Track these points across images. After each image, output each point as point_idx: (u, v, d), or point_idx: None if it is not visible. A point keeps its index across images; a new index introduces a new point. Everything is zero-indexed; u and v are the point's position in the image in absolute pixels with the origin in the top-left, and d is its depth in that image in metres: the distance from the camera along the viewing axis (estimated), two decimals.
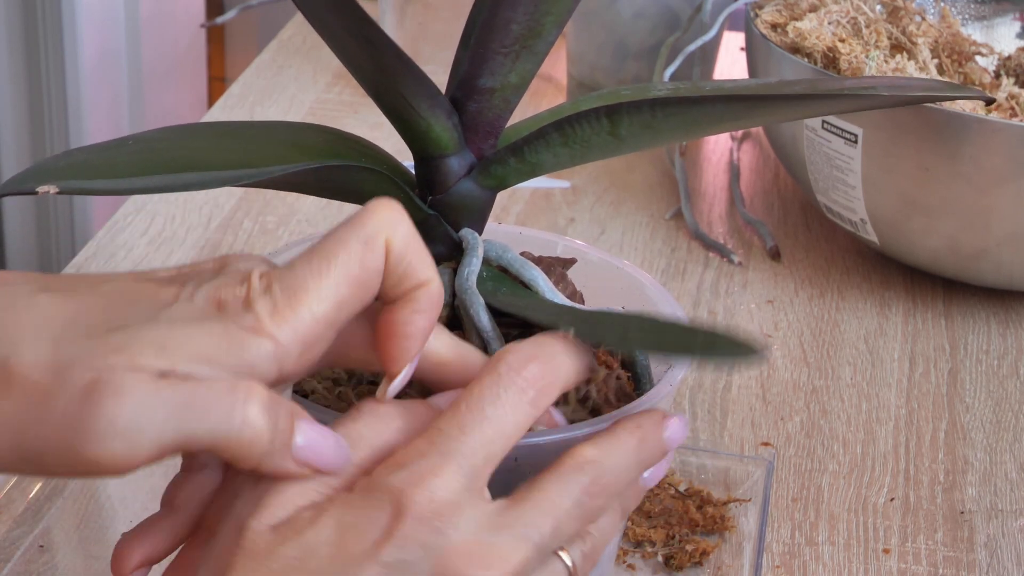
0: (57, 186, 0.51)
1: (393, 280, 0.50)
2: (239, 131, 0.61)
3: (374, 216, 0.49)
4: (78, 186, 0.52)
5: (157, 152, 0.56)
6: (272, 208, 1.03)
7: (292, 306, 0.47)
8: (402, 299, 0.50)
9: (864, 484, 0.79)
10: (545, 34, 0.58)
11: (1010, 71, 1.01)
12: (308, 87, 1.22)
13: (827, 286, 0.98)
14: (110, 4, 1.69)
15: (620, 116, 0.57)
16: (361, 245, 0.48)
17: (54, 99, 1.63)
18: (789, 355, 0.90)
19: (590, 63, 1.15)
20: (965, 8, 1.07)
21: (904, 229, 0.94)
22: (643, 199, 1.07)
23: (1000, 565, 0.74)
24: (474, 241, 0.60)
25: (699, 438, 0.82)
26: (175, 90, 1.87)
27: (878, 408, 0.86)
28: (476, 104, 0.59)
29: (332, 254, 0.48)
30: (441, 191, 0.60)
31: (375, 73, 0.57)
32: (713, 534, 0.74)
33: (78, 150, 0.55)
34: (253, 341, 0.47)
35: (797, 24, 0.97)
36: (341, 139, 0.61)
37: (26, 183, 0.51)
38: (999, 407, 0.87)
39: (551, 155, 0.59)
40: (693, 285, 0.97)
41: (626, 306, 0.66)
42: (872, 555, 0.75)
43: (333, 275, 0.48)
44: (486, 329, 0.58)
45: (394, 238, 0.49)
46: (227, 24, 2.05)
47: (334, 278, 0.48)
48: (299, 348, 0.48)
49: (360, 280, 0.48)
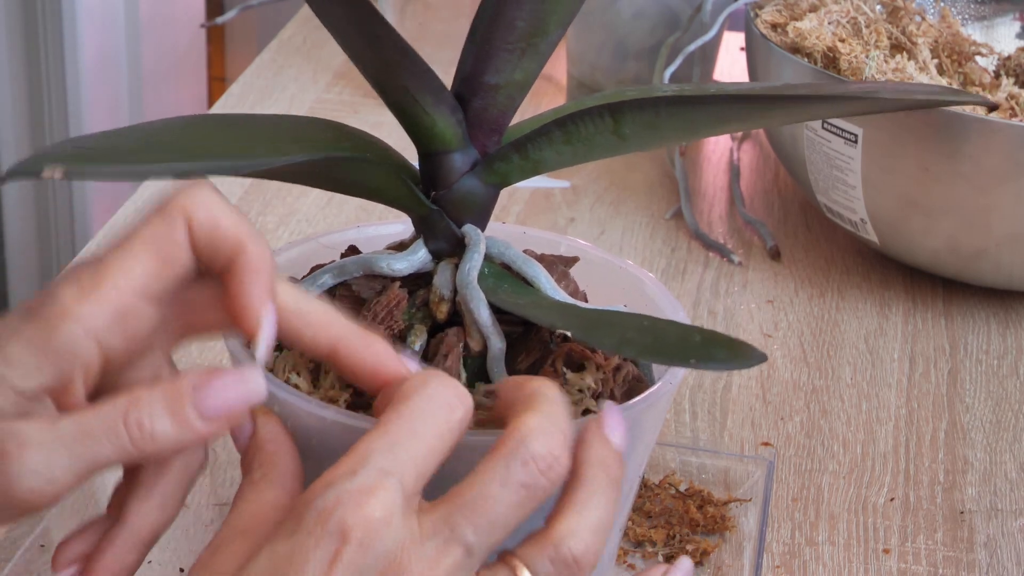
0: (62, 169, 0.51)
1: (208, 251, 0.52)
2: (243, 123, 0.61)
3: (175, 196, 0.52)
4: (83, 170, 0.53)
5: (162, 140, 0.57)
6: (272, 208, 1.03)
7: (96, 284, 0.50)
8: (228, 271, 0.52)
9: (864, 484, 0.80)
10: (549, 32, 0.58)
11: (1010, 71, 1.01)
12: (308, 87, 1.22)
13: (827, 286, 0.98)
14: (110, 4, 1.69)
15: (623, 115, 0.57)
16: (160, 221, 0.51)
17: (54, 99, 1.63)
18: (789, 355, 0.90)
19: (590, 63, 1.15)
20: (965, 8, 1.07)
21: (904, 229, 0.94)
22: (643, 199, 1.07)
23: (1000, 565, 0.75)
24: (476, 237, 0.60)
25: (699, 438, 0.82)
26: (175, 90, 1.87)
27: (878, 408, 0.86)
28: (481, 100, 0.59)
29: (134, 233, 0.51)
30: (444, 187, 0.60)
31: (380, 68, 0.57)
32: (713, 534, 0.74)
33: (83, 137, 0.55)
34: (60, 328, 0.50)
35: (797, 24, 0.97)
36: (345, 133, 0.61)
37: (31, 167, 0.51)
38: (999, 407, 0.87)
39: (554, 153, 0.59)
40: (693, 285, 0.97)
41: (628, 305, 0.66)
42: (872, 555, 0.75)
43: (134, 250, 0.51)
44: (486, 325, 0.58)
45: (196, 212, 0.51)
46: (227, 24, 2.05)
47: (135, 252, 0.51)
48: (111, 322, 0.50)
49: (163, 252, 0.51)
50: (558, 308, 0.59)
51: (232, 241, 0.52)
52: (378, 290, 0.61)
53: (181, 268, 0.51)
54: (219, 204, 0.52)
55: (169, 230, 0.51)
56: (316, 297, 0.55)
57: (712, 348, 0.53)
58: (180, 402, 0.50)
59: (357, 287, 0.61)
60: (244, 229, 0.52)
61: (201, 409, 0.50)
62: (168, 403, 0.50)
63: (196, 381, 0.50)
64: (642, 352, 0.56)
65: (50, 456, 0.48)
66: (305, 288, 0.60)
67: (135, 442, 0.49)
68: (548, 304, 0.60)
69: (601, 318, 0.58)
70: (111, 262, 0.51)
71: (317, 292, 0.61)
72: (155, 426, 0.49)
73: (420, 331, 0.60)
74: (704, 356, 0.52)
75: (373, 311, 0.59)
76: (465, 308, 0.59)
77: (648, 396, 0.59)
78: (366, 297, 0.61)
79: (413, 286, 0.61)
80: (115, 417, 0.49)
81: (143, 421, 0.49)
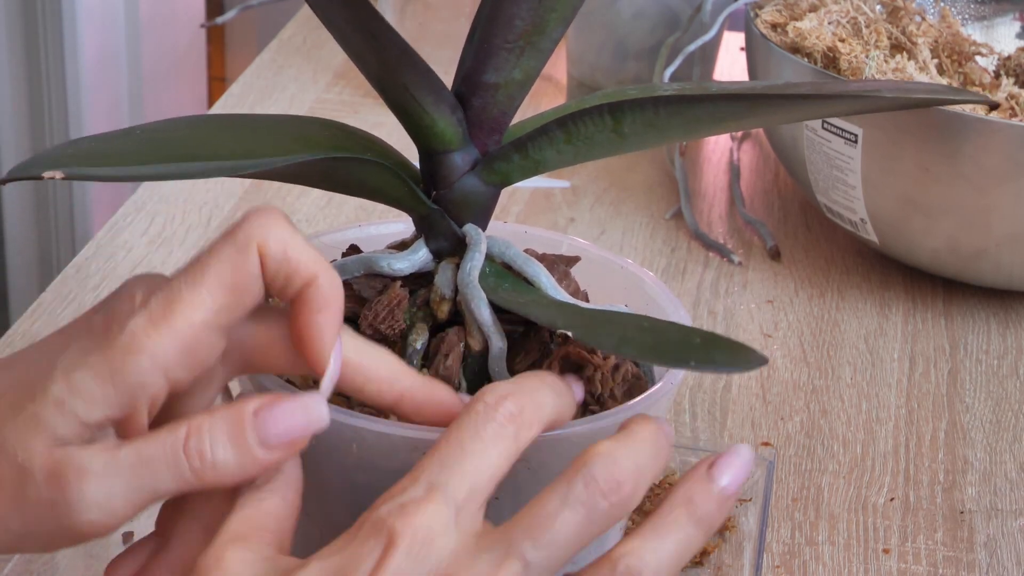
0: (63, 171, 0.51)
1: (279, 281, 0.51)
2: (244, 123, 0.61)
3: (246, 223, 0.51)
4: (83, 172, 0.53)
5: (162, 141, 0.57)
6: None
7: (167, 316, 0.49)
8: (298, 301, 0.51)
9: (864, 484, 0.80)
10: (549, 31, 0.58)
11: (1010, 71, 1.01)
12: (308, 87, 1.22)
13: (827, 286, 0.98)
14: (110, 4, 1.69)
15: (623, 114, 0.57)
16: (233, 251, 0.50)
17: (54, 99, 1.63)
18: (789, 355, 0.90)
19: (590, 63, 1.15)
20: (965, 8, 1.07)
21: (904, 229, 0.94)
22: (643, 199, 1.07)
23: (1000, 565, 0.75)
24: (477, 237, 0.60)
25: (699, 438, 0.82)
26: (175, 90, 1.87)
27: (878, 408, 0.86)
28: (481, 100, 0.59)
29: (205, 263, 0.50)
30: (445, 186, 0.60)
31: (380, 68, 0.57)
32: (713, 534, 0.74)
33: (84, 139, 0.55)
34: (129, 361, 0.49)
35: (797, 24, 0.97)
36: (346, 133, 0.61)
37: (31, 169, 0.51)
38: (999, 407, 0.87)
39: (554, 152, 0.59)
40: (693, 285, 0.97)
41: (628, 304, 0.66)
42: (872, 555, 0.75)
43: (207, 282, 0.50)
44: (487, 324, 0.59)
45: (268, 241, 0.50)
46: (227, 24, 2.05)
47: (208, 285, 0.50)
48: (180, 355, 0.49)
49: (235, 284, 0.50)
50: (559, 307, 0.59)
51: (305, 272, 0.51)
52: (379, 289, 0.61)
53: (252, 300, 0.51)
54: (292, 234, 0.51)
55: (242, 261, 0.50)
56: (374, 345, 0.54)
57: (712, 350, 0.53)
58: (241, 429, 0.49)
59: (358, 286, 0.61)
60: (316, 258, 0.51)
61: (263, 437, 0.49)
62: (229, 431, 0.49)
63: (257, 407, 0.50)
64: (642, 352, 0.56)
65: (110, 486, 0.48)
66: None
67: (195, 471, 0.49)
68: (549, 303, 0.60)
69: (602, 318, 0.58)
70: (183, 292, 0.50)
71: None
72: (216, 455, 0.49)
73: (421, 330, 0.60)
74: (704, 358, 0.52)
75: (374, 310, 0.59)
76: (466, 307, 0.59)
77: (648, 396, 0.59)
78: (367, 296, 0.61)
79: (414, 285, 0.61)
80: (175, 445, 0.49)
81: (204, 450, 0.49)
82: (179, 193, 1.04)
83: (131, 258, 0.96)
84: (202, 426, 0.49)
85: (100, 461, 0.48)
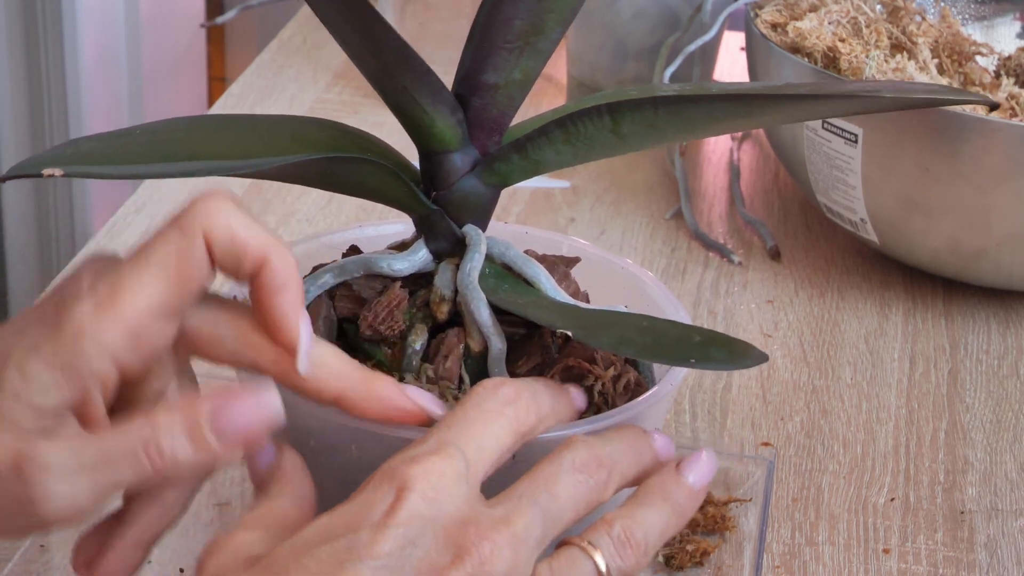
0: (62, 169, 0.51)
1: (229, 264, 0.51)
2: (243, 123, 0.62)
3: (192, 208, 0.51)
4: (82, 171, 0.53)
5: (162, 141, 0.57)
6: (272, 208, 1.03)
7: (112, 302, 0.50)
8: (255, 286, 0.52)
9: (864, 484, 0.80)
10: (548, 31, 0.58)
11: (1010, 71, 1.01)
12: (308, 87, 1.22)
13: (827, 286, 0.98)
14: (110, 4, 1.69)
15: (622, 114, 0.57)
16: (178, 236, 0.51)
17: (54, 99, 1.63)
18: (789, 355, 0.90)
19: (590, 63, 1.15)
20: (965, 8, 1.07)
21: (904, 229, 0.94)
22: (643, 199, 1.07)
23: (1000, 565, 0.75)
24: (477, 237, 0.60)
25: (699, 438, 0.82)
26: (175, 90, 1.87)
27: (878, 408, 0.86)
28: (480, 100, 0.59)
29: (151, 249, 0.51)
30: (445, 187, 0.60)
31: (379, 68, 0.57)
32: (713, 534, 0.74)
33: (84, 139, 0.55)
34: (76, 346, 0.49)
35: (797, 24, 0.97)
36: (346, 133, 0.61)
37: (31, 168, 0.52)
38: (999, 407, 0.87)
39: (554, 152, 0.59)
40: (693, 285, 0.97)
41: (628, 304, 0.66)
42: (872, 555, 0.75)
43: (152, 267, 0.50)
44: (487, 325, 0.59)
45: (213, 225, 0.51)
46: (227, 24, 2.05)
47: (153, 270, 0.50)
48: (126, 340, 0.50)
49: (181, 269, 0.51)
50: (558, 308, 0.59)
51: (254, 253, 0.51)
52: (379, 290, 0.61)
53: (199, 285, 0.51)
54: (237, 215, 0.51)
55: (187, 246, 0.51)
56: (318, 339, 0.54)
57: (712, 348, 0.53)
58: (198, 426, 0.50)
59: (358, 287, 0.61)
60: (265, 239, 0.51)
61: (219, 432, 0.50)
62: (187, 427, 0.50)
63: (214, 404, 0.50)
64: (642, 352, 0.56)
65: (72, 483, 0.49)
66: (306, 287, 0.60)
67: (155, 466, 0.50)
68: (548, 304, 0.60)
69: (601, 318, 0.58)
70: (128, 278, 0.50)
71: (318, 291, 0.61)
72: (175, 450, 0.50)
73: (421, 331, 0.60)
74: (704, 356, 0.53)
75: (374, 311, 0.59)
76: (466, 308, 0.59)
77: (649, 397, 0.59)
78: (367, 297, 0.61)
79: (414, 286, 0.61)
80: (135, 442, 0.50)
81: (163, 445, 0.50)
82: (179, 193, 1.04)
83: None
84: (160, 424, 0.50)
85: (61, 457, 0.49)
